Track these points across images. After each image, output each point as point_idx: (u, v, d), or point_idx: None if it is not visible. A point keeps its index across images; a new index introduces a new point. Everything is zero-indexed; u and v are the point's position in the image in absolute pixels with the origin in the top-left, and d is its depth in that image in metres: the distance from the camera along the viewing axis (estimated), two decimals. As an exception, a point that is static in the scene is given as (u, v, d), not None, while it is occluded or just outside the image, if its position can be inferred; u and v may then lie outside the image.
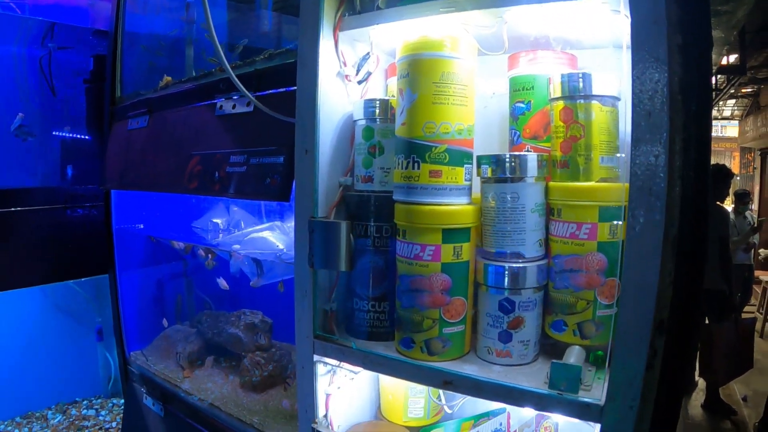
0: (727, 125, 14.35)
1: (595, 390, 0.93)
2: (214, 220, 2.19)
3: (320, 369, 1.26)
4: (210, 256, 2.02)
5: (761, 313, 6.44)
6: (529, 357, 1.07)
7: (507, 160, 1.03)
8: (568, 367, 0.94)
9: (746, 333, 3.87)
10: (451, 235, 1.05)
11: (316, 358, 1.24)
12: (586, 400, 0.91)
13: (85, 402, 3.13)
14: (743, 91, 9.99)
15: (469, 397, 1.38)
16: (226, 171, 1.59)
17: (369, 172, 1.20)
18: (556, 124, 1.07)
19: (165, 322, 2.47)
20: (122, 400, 2.62)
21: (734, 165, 12.71)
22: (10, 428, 2.84)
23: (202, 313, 2.33)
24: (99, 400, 3.15)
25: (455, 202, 1.06)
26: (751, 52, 6.43)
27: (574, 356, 0.99)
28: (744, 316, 4.70)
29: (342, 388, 1.33)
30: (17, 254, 2.52)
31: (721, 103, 10.88)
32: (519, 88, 1.18)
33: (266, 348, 2.08)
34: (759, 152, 11.25)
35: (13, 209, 2.50)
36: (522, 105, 1.17)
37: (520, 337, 1.06)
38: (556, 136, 1.07)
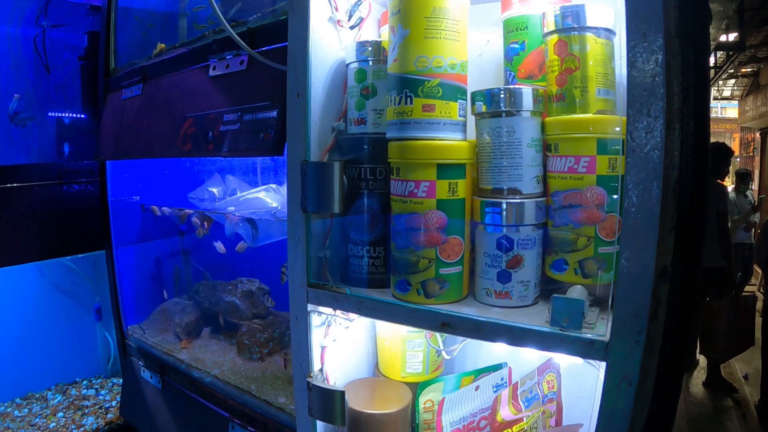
0: (726, 106, 14.30)
1: (599, 329, 0.90)
2: (210, 189, 2.17)
3: (315, 320, 1.24)
4: (206, 224, 2.00)
5: (761, 293, 6.42)
6: (529, 299, 1.05)
7: (501, 93, 1.01)
8: (571, 302, 0.90)
9: (747, 310, 3.86)
10: (446, 170, 1.03)
11: (310, 307, 1.21)
12: (590, 336, 0.88)
13: (84, 382, 3.11)
14: (743, 70, 9.94)
15: (469, 346, 1.36)
16: (219, 130, 1.57)
17: (362, 114, 1.18)
18: (551, 59, 1.04)
19: (165, 294, 2.46)
20: (122, 380, 2.61)
21: (734, 146, 12.64)
22: (10, 409, 2.83)
23: (199, 284, 2.31)
24: (99, 380, 3.14)
25: (449, 137, 1.04)
26: (750, 31, 6.39)
27: (576, 293, 0.96)
28: (744, 295, 4.69)
29: (338, 341, 1.31)
30: (12, 231, 2.50)
31: (720, 83, 10.82)
32: (513, 29, 1.15)
33: (263, 315, 2.07)
34: (759, 132, 11.20)
35: (8, 185, 2.48)
36: (516, 45, 1.14)
37: (520, 277, 1.03)
38: (551, 70, 1.04)
